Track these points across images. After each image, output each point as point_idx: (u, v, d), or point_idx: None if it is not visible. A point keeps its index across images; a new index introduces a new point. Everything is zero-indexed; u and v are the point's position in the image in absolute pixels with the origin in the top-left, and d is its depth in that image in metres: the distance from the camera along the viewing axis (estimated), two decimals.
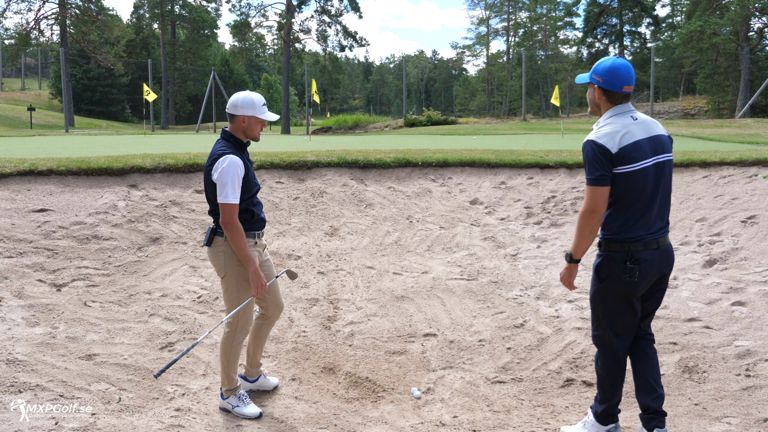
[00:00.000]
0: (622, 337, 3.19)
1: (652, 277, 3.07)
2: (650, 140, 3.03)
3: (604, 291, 3.11)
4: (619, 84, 3.05)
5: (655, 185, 3.02)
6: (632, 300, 3.08)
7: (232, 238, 3.50)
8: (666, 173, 3.07)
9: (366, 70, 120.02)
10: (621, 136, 2.97)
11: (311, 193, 7.97)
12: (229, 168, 3.45)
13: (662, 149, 3.06)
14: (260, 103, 3.67)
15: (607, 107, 3.12)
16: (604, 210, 2.99)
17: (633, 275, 2.99)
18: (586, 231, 3.02)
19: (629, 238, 3.01)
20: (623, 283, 3.02)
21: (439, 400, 4.13)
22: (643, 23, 58.43)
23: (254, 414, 3.75)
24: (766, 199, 6.83)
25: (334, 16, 50.62)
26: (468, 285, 5.91)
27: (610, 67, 3.06)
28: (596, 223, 3.00)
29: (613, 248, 3.04)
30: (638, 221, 3.01)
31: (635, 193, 2.98)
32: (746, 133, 18.76)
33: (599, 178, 2.95)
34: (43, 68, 77.85)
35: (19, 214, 6.15)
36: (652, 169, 3.01)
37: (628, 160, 2.95)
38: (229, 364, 3.78)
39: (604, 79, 3.07)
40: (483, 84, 74.97)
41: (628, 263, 2.99)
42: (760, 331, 4.38)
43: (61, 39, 46.45)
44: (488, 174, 8.82)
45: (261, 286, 3.62)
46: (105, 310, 5.04)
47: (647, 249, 3.01)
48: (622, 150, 2.95)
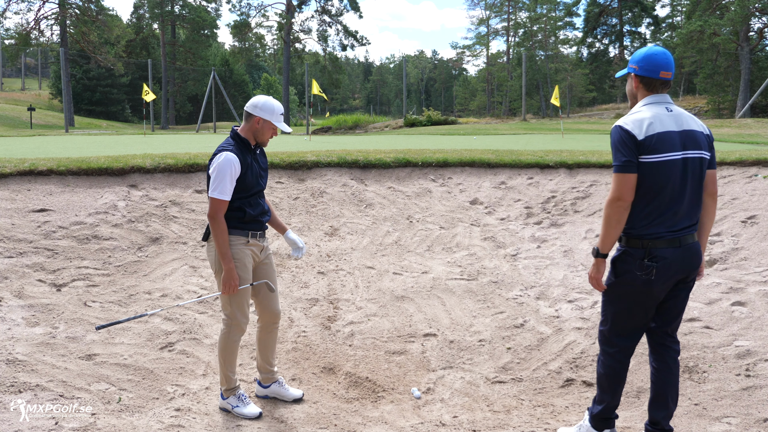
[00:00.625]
0: (626, 338, 3.10)
1: (671, 277, 2.93)
2: (682, 134, 2.89)
3: (618, 287, 3.01)
4: (656, 69, 2.94)
5: (683, 181, 2.87)
6: (646, 300, 2.97)
7: (214, 232, 3.55)
8: (696, 171, 2.91)
9: (366, 70, 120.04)
10: (649, 123, 2.86)
11: (311, 193, 7.97)
12: (222, 164, 3.50)
13: (694, 145, 2.90)
14: (279, 111, 3.69)
15: (643, 95, 3.01)
16: (631, 198, 2.84)
17: (650, 273, 2.87)
18: (612, 220, 2.87)
19: (649, 234, 2.88)
20: (639, 281, 2.91)
21: (439, 400, 4.14)
22: (643, 23, 58.48)
23: (253, 414, 3.73)
24: (766, 199, 6.83)
25: (335, 16, 50.65)
26: (468, 285, 5.92)
27: (646, 53, 2.98)
28: (624, 211, 2.85)
29: (632, 244, 2.93)
30: (660, 217, 2.88)
31: (659, 186, 2.85)
32: (746, 133, 18.76)
33: (626, 164, 2.83)
34: (43, 68, 77.87)
35: (19, 214, 6.15)
36: (680, 163, 2.86)
37: (654, 150, 2.83)
38: (225, 363, 3.77)
39: (641, 65, 2.98)
40: (483, 84, 74.98)
41: (645, 260, 2.87)
42: (760, 331, 4.38)
43: (61, 39, 46.46)
44: (488, 174, 8.82)
45: (231, 287, 3.57)
46: (105, 310, 5.04)
47: (669, 247, 2.88)
48: (649, 138, 2.83)
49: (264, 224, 3.84)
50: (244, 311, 3.75)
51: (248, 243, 3.72)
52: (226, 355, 3.76)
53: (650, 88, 2.99)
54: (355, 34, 50.91)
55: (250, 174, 3.65)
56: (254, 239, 3.75)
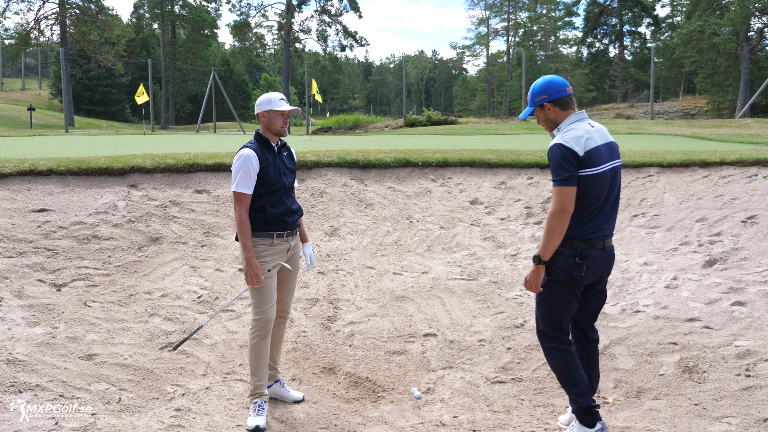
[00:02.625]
0: (563, 331, 3.38)
1: (595, 275, 3.28)
2: (607, 146, 3.23)
3: (552, 285, 3.27)
4: (561, 89, 3.26)
5: (610, 189, 3.22)
6: (574, 296, 3.28)
7: (236, 224, 3.64)
8: (618, 178, 3.29)
9: (366, 70, 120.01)
10: (585, 140, 3.15)
11: (311, 193, 7.97)
12: (239, 159, 3.65)
13: (615, 155, 3.28)
14: (276, 98, 3.77)
15: (563, 116, 3.28)
16: (572, 209, 3.12)
17: (581, 270, 3.18)
18: (555, 230, 3.14)
19: (580, 236, 3.19)
20: (570, 278, 3.21)
21: (439, 400, 4.14)
22: (643, 23, 58.46)
23: (250, 426, 3.61)
24: (766, 199, 6.83)
25: (334, 16, 50.64)
26: (468, 285, 5.92)
27: (545, 82, 3.30)
28: (566, 222, 3.12)
29: (565, 244, 3.20)
30: (590, 221, 3.19)
31: (593, 195, 3.16)
32: (746, 133, 18.76)
33: (568, 179, 3.09)
34: (43, 68, 77.83)
35: (19, 214, 6.15)
36: (609, 173, 3.21)
37: (592, 164, 3.13)
38: (250, 363, 3.78)
39: (548, 92, 3.27)
40: (483, 84, 74.94)
41: (577, 259, 3.17)
42: (760, 331, 4.38)
43: (61, 39, 46.44)
44: (488, 174, 8.82)
45: (253, 275, 3.60)
46: (105, 310, 5.04)
47: (594, 248, 3.21)
48: (587, 153, 3.12)
49: (290, 224, 3.82)
50: (271, 301, 3.74)
51: (273, 244, 3.74)
52: (251, 354, 3.76)
53: (565, 106, 3.28)
54: (354, 34, 50.90)
55: (272, 170, 3.69)
56: (280, 239, 3.76)
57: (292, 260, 3.95)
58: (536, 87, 3.31)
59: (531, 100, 3.34)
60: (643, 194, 7.85)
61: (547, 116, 3.31)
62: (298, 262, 4.05)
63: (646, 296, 5.25)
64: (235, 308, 5.41)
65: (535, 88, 3.31)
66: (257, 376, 3.77)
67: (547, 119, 3.32)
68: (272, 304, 3.76)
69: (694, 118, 36.17)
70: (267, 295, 3.73)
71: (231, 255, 6.38)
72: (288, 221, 3.80)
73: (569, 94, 3.27)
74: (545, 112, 3.31)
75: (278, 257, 3.79)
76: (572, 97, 3.30)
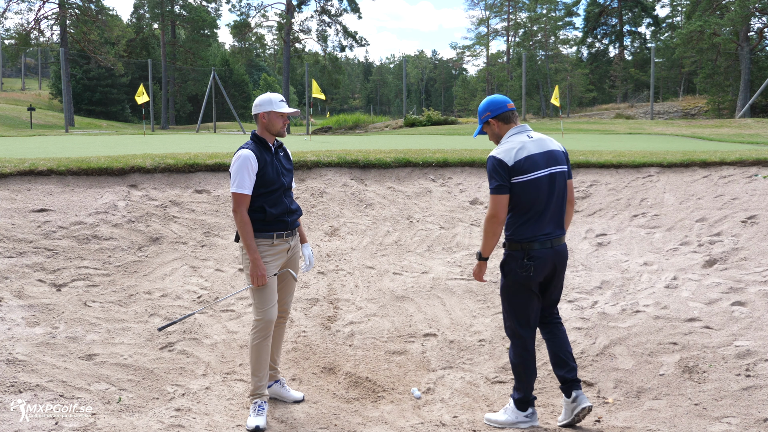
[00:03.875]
0: (528, 328, 3.61)
1: (546, 272, 3.53)
2: (544, 155, 3.49)
3: (509, 285, 3.58)
4: (503, 105, 3.60)
5: (549, 193, 3.48)
6: (531, 292, 3.54)
7: (237, 226, 3.66)
8: (559, 183, 3.52)
9: (366, 70, 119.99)
10: (516, 151, 3.45)
11: (311, 193, 7.97)
12: (237, 160, 3.66)
13: (555, 162, 3.52)
14: (277, 99, 3.79)
15: (506, 129, 3.60)
16: (504, 215, 3.46)
17: (529, 270, 3.46)
18: (490, 233, 3.49)
19: (525, 239, 3.47)
20: (522, 277, 3.49)
21: (439, 400, 4.14)
22: (643, 23, 58.49)
23: (250, 426, 3.59)
24: (766, 199, 6.83)
25: (334, 16, 50.65)
26: (468, 285, 5.92)
27: (488, 101, 3.65)
28: (498, 226, 3.46)
29: (513, 247, 3.52)
30: (534, 224, 3.47)
31: (530, 200, 3.44)
32: (746, 133, 18.77)
33: (498, 187, 3.42)
34: (43, 68, 77.83)
35: (19, 214, 6.15)
36: (546, 179, 3.46)
37: (523, 171, 3.42)
38: (251, 364, 3.78)
39: (491, 110, 3.61)
40: (483, 84, 74.90)
41: (525, 260, 3.46)
42: (760, 331, 4.38)
43: (61, 39, 46.43)
44: None
45: (259, 277, 3.62)
46: (105, 310, 5.04)
47: (542, 248, 3.47)
48: (517, 163, 3.42)
49: (290, 224, 3.83)
50: (273, 301, 3.75)
51: (273, 244, 3.75)
52: (251, 354, 3.76)
53: (507, 120, 3.60)
54: (354, 34, 50.90)
55: (270, 170, 3.70)
56: (280, 239, 3.77)
57: (291, 261, 3.96)
58: (481, 106, 3.66)
59: (479, 118, 3.69)
60: (643, 194, 7.85)
61: (493, 131, 3.64)
62: (298, 262, 4.06)
63: (646, 296, 5.24)
64: (235, 308, 5.41)
65: (481, 108, 3.66)
66: (258, 376, 3.77)
67: (493, 134, 3.65)
68: (273, 304, 3.77)
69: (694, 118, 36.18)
70: (268, 296, 3.73)
71: (231, 255, 6.38)
72: (287, 221, 3.81)
73: (510, 110, 3.59)
74: (491, 127, 3.64)
75: (278, 257, 3.80)
76: (514, 112, 3.61)
